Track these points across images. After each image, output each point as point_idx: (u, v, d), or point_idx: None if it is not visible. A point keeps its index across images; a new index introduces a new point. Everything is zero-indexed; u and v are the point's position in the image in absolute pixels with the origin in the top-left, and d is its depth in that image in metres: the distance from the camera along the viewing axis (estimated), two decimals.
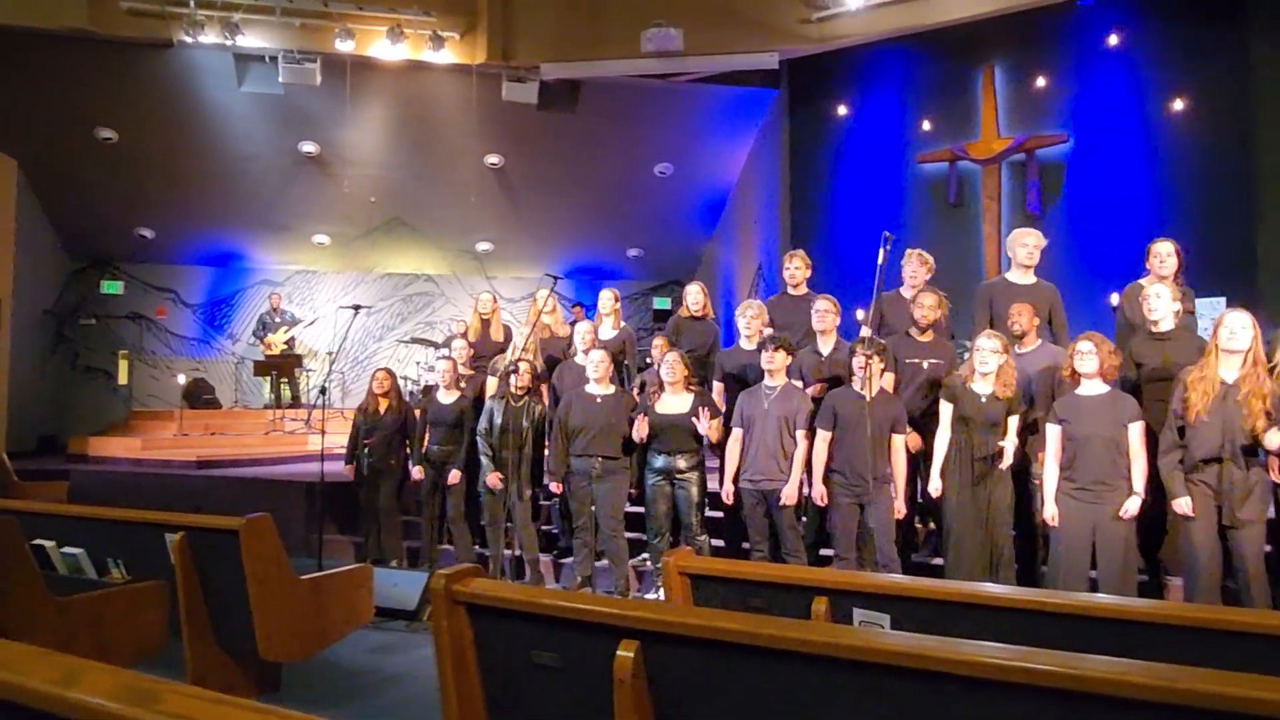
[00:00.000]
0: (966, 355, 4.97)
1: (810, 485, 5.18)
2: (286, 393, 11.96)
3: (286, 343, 12.33)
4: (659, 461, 5.53)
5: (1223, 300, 8.41)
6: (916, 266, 5.85)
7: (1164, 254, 5.09)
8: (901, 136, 10.82)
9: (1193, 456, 4.09)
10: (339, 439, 10.15)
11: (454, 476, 6.29)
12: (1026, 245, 5.48)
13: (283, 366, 11.86)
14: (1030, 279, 5.48)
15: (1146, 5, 9.61)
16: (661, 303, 14.17)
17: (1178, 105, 9.42)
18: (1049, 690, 1.53)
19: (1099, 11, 9.74)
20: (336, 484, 7.22)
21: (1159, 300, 4.63)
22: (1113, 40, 9.78)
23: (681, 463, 5.47)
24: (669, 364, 5.54)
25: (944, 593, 2.58)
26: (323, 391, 7.16)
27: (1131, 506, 4.24)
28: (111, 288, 12.91)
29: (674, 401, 5.52)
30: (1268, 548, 4.22)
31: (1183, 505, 4.12)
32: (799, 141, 11.39)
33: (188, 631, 3.81)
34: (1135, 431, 4.28)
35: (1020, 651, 1.61)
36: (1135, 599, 3.67)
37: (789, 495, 5.07)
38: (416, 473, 6.46)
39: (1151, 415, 4.45)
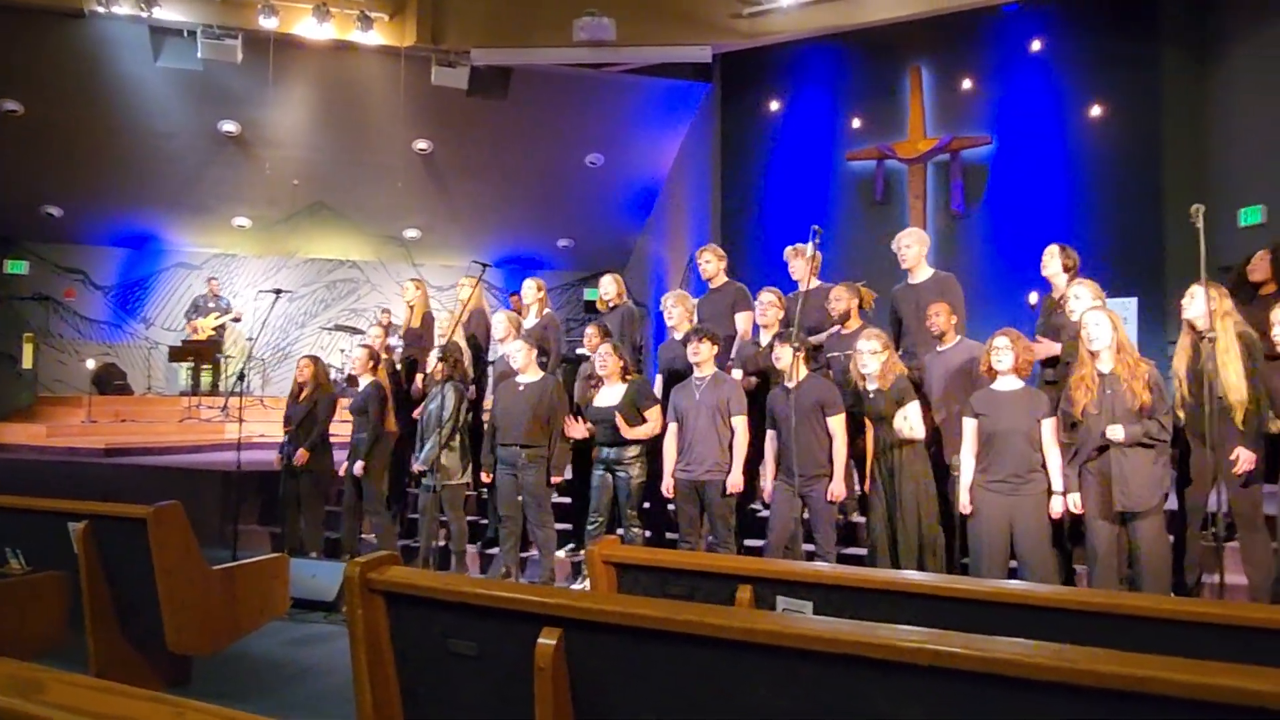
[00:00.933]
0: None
1: (762, 478, 5.14)
2: (206, 379, 11.58)
3: (215, 329, 11.94)
4: (602, 452, 5.48)
5: (1134, 301, 8.74)
6: (795, 262, 5.90)
7: (1045, 259, 5.25)
8: (831, 133, 10.99)
9: (1085, 450, 4.24)
10: (257, 427, 9.92)
11: (358, 468, 6.13)
12: (899, 249, 5.57)
13: (200, 353, 11.48)
14: (925, 274, 5.54)
15: (1067, 13, 9.93)
16: (592, 294, 14.03)
17: (1095, 111, 9.76)
18: (960, 672, 1.56)
19: (1022, 18, 10.02)
20: (253, 473, 7.02)
21: (1078, 302, 4.77)
22: (1035, 46, 10.08)
23: (625, 453, 5.38)
24: (601, 356, 5.48)
25: (865, 580, 2.61)
26: (241, 378, 6.95)
27: (1055, 507, 4.32)
28: (16, 267, 12.36)
29: (610, 394, 5.47)
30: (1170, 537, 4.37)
31: (1073, 500, 4.28)
32: (730, 135, 11.47)
33: (91, 623, 3.67)
34: (1047, 427, 4.38)
35: (932, 634, 1.64)
36: (1044, 585, 3.79)
37: (734, 484, 5.05)
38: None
39: None
